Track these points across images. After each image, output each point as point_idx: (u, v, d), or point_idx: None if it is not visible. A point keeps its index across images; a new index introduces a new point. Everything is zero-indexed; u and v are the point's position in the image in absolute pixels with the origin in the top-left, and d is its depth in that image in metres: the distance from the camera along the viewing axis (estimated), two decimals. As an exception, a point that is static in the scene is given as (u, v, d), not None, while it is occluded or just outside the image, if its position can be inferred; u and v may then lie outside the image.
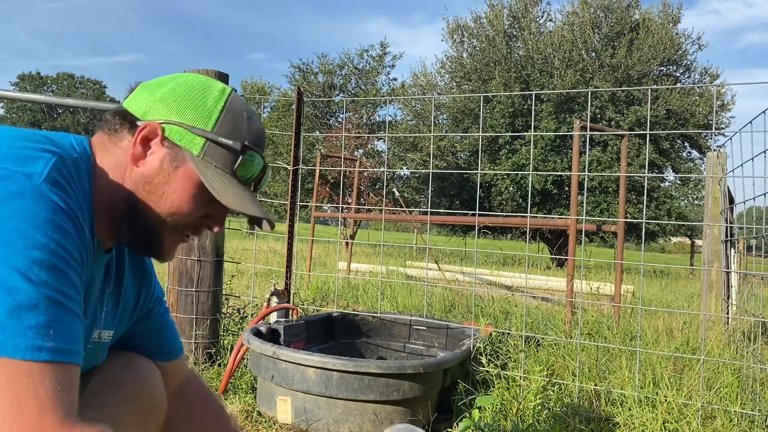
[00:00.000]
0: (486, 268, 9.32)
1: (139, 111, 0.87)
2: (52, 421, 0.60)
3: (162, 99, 0.87)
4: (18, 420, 0.58)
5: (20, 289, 0.62)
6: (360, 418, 2.10)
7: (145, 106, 0.87)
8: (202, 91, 0.89)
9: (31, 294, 0.63)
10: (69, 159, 0.77)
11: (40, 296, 0.63)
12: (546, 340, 2.96)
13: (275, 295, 2.87)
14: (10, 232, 0.64)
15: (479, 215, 3.07)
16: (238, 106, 0.91)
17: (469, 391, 2.34)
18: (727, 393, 2.32)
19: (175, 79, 0.90)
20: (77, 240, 0.71)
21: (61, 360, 0.64)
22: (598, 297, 5.07)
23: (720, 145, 3.50)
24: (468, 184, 18.58)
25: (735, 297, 4.06)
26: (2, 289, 0.62)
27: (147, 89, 0.89)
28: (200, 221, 0.91)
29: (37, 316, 0.62)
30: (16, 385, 0.59)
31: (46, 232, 0.67)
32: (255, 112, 0.95)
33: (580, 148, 3.57)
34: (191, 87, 0.89)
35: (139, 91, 0.90)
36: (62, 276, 0.67)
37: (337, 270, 6.77)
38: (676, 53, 17.65)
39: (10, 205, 0.66)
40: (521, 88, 17.20)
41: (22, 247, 0.64)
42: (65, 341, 0.65)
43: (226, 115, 0.88)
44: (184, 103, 0.87)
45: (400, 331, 3.08)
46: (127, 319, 1.04)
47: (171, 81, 0.90)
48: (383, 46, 22.52)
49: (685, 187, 17.93)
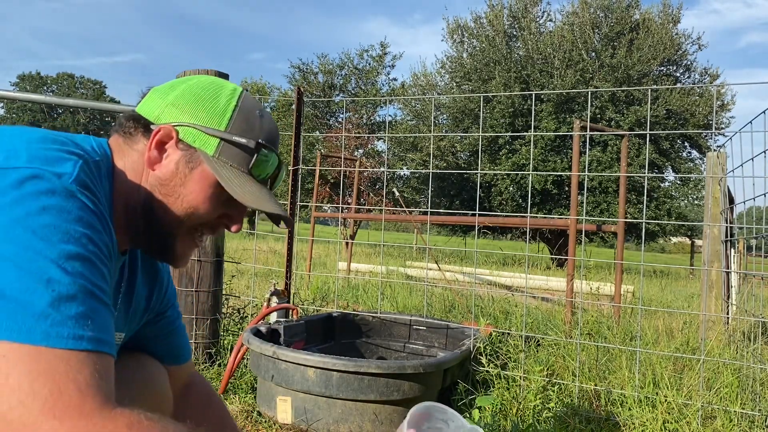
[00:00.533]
0: (486, 268, 9.33)
1: (152, 115, 0.88)
2: (92, 405, 0.61)
3: (174, 102, 0.88)
4: (59, 404, 0.59)
5: (59, 280, 0.64)
6: (360, 419, 2.10)
7: (159, 110, 0.88)
8: (213, 92, 0.89)
9: (69, 285, 0.64)
10: (92, 162, 0.78)
11: (77, 287, 0.65)
12: (546, 340, 2.96)
13: (275, 295, 2.87)
14: (45, 227, 0.66)
15: (479, 215, 3.07)
16: (250, 104, 0.91)
17: (469, 391, 2.34)
18: (727, 393, 2.32)
19: (186, 81, 0.91)
20: (106, 238, 0.73)
21: (99, 350, 0.65)
22: (598, 297, 5.07)
23: (720, 145, 3.50)
24: (468, 184, 18.58)
25: (735, 297, 4.07)
26: (41, 280, 0.63)
27: (159, 93, 0.90)
28: (218, 221, 0.92)
29: (77, 306, 0.64)
30: (56, 373, 0.60)
31: (78, 228, 0.68)
32: (267, 110, 0.95)
33: (580, 148, 3.57)
34: (203, 88, 0.89)
35: (151, 95, 0.91)
36: (95, 270, 0.69)
37: (337, 270, 6.77)
38: (676, 53, 17.65)
39: (44, 202, 0.67)
40: (521, 88, 17.20)
41: (57, 240, 0.66)
42: (102, 332, 0.66)
43: (239, 114, 0.89)
44: (197, 104, 0.87)
45: (400, 331, 3.08)
46: (138, 320, 1.05)
47: (182, 83, 0.90)
48: (383, 46, 22.53)
49: (685, 187, 17.93)
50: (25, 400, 0.58)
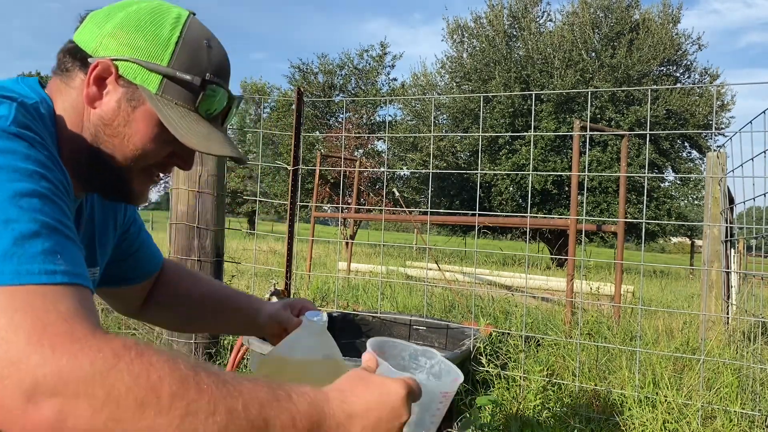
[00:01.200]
0: (486, 268, 9.32)
1: (90, 46, 0.80)
2: (82, 330, 0.55)
3: (113, 32, 0.80)
4: (47, 334, 0.54)
5: (17, 219, 0.60)
6: (360, 418, 2.09)
7: (96, 41, 0.80)
8: (155, 21, 0.81)
9: (29, 223, 0.60)
10: (30, 105, 0.73)
11: (39, 224, 0.61)
12: (546, 340, 2.96)
13: (275, 295, 2.86)
14: None
15: (479, 215, 3.07)
16: (196, 33, 0.83)
17: (469, 391, 2.34)
18: (727, 393, 2.32)
19: (126, 8, 0.82)
20: (59, 175, 0.69)
21: (75, 282, 0.60)
22: (598, 297, 5.07)
23: (720, 145, 3.50)
24: (468, 184, 18.58)
25: (735, 297, 4.06)
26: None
27: (96, 20, 0.82)
28: (168, 161, 0.86)
29: (42, 242, 0.60)
30: (35, 307, 0.55)
31: (29, 166, 0.64)
32: (216, 38, 0.88)
33: (580, 148, 3.57)
34: (143, 17, 0.81)
35: (88, 23, 0.82)
36: (54, 205, 0.64)
37: (337, 270, 6.77)
38: (676, 53, 17.66)
39: None
40: (521, 88, 17.20)
41: (8, 180, 0.61)
42: (74, 265, 0.62)
43: (183, 46, 0.81)
44: (137, 35, 0.80)
45: (400, 331, 3.08)
46: (108, 252, 1.01)
47: (122, 10, 0.82)
48: (383, 46, 22.55)
49: (685, 187, 17.94)
50: (7, 336, 0.53)
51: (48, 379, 0.52)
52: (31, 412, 0.51)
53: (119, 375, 0.53)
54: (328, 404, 0.64)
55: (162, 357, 0.56)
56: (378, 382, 0.69)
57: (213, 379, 0.57)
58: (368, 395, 0.67)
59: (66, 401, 0.52)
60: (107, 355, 0.54)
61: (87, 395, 0.52)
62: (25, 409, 0.51)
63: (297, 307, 1.11)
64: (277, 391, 0.61)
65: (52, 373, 0.52)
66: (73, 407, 0.52)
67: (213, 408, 0.55)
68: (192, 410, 0.54)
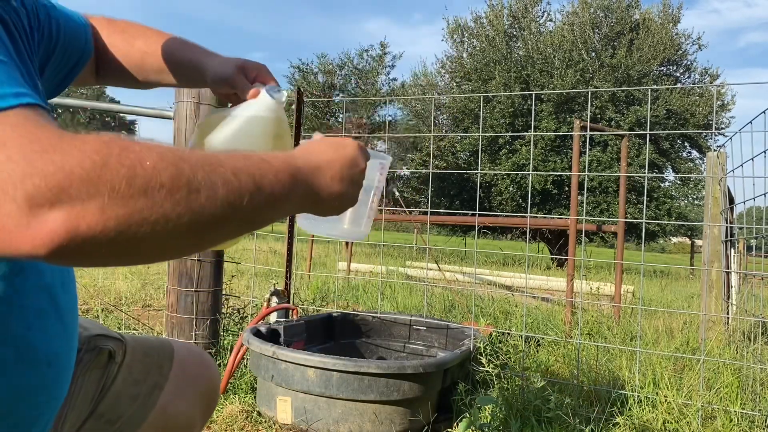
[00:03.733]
0: (486, 268, 9.32)
1: None
2: (50, 133, 0.49)
3: None
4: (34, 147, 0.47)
5: None
6: (360, 419, 2.10)
7: None
8: None
9: None
10: None
11: None
12: (546, 340, 2.96)
13: (275, 295, 2.87)
14: None
15: (479, 215, 3.08)
16: None
17: (469, 391, 2.34)
18: (727, 393, 2.32)
19: None
20: None
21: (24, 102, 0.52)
22: (598, 297, 5.07)
23: (720, 145, 3.49)
24: (468, 184, 18.58)
25: (735, 297, 4.06)
26: None
27: None
28: None
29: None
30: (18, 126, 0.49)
31: None
32: None
33: (580, 148, 3.57)
34: None
35: None
36: None
37: (337, 270, 6.77)
38: (676, 53, 17.66)
39: None
40: (521, 88, 17.20)
41: None
42: (13, 85, 0.54)
43: None
44: None
45: (400, 332, 3.08)
46: None
47: None
48: (383, 46, 22.52)
49: (685, 187, 17.94)
50: None
51: (46, 189, 0.46)
52: (35, 225, 0.46)
53: (116, 169, 0.49)
54: (296, 160, 0.68)
55: (144, 145, 0.52)
56: (333, 140, 0.77)
57: (197, 157, 0.55)
58: (328, 150, 0.74)
59: (71, 206, 0.47)
60: (97, 154, 0.49)
61: (90, 195, 0.47)
62: (28, 224, 0.46)
63: (251, 71, 0.97)
64: (252, 157, 0.61)
65: (48, 182, 0.46)
66: (81, 210, 0.47)
67: (210, 182, 0.54)
68: (193, 188, 0.53)
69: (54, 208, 0.46)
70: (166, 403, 1.01)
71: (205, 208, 0.53)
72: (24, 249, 0.46)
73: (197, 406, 1.07)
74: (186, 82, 1.04)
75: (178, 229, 0.52)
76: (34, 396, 0.72)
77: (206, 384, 1.10)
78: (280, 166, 0.63)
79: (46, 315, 0.74)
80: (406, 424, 2.15)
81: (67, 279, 0.82)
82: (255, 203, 0.58)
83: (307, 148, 0.73)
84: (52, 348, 0.74)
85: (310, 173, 0.69)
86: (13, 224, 0.46)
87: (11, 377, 0.68)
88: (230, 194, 0.55)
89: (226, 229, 0.57)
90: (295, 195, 0.65)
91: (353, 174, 0.76)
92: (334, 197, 0.73)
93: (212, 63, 0.97)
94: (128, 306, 4.18)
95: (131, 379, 0.99)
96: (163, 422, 1.01)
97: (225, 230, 0.57)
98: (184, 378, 1.05)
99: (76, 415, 0.92)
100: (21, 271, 0.70)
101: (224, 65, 0.97)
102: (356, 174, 0.77)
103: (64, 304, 0.78)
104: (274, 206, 0.62)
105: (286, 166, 0.64)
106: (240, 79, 0.96)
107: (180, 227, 0.52)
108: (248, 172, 0.58)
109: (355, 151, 0.77)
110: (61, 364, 0.76)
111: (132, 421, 0.98)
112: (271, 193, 0.60)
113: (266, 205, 0.60)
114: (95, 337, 0.97)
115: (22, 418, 0.71)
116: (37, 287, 0.73)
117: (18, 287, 0.70)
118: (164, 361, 1.05)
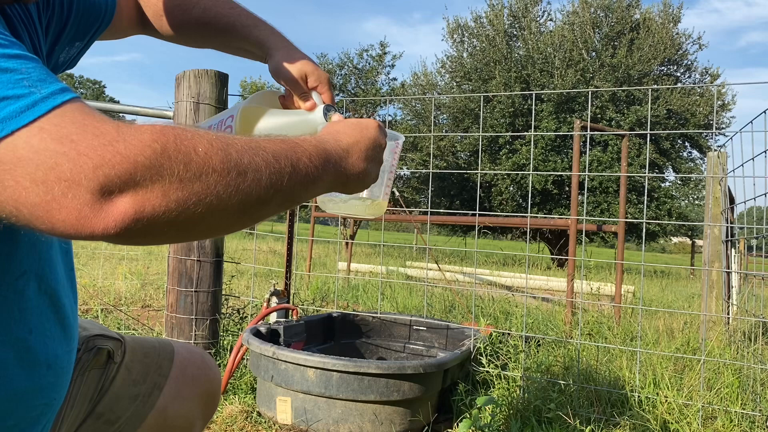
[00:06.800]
0: (486, 268, 9.32)
1: None
2: (108, 125, 0.52)
3: None
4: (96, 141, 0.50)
5: None
6: (360, 419, 2.09)
7: None
8: None
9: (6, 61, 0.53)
10: None
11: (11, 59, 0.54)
12: (546, 341, 2.96)
13: (275, 296, 2.86)
14: None
15: (479, 215, 3.07)
16: None
17: (469, 392, 2.34)
18: (728, 393, 2.31)
19: None
20: None
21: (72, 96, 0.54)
22: (598, 297, 5.07)
23: (720, 145, 3.49)
24: (468, 184, 18.58)
25: (735, 297, 4.06)
26: None
27: None
28: None
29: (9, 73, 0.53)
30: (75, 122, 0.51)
31: None
32: None
33: (580, 148, 3.57)
34: None
35: None
36: None
37: (337, 270, 6.77)
38: (676, 53, 17.66)
39: None
40: (521, 88, 17.19)
41: None
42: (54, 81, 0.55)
43: None
44: None
45: (400, 332, 3.07)
46: None
47: None
48: (383, 46, 22.50)
49: (686, 187, 17.94)
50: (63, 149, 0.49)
51: (115, 177, 0.50)
52: (107, 210, 0.50)
53: (174, 156, 0.53)
54: (326, 144, 0.71)
55: (194, 132, 0.57)
56: (354, 121, 0.81)
57: (242, 143, 0.59)
58: (354, 132, 0.78)
59: (137, 191, 0.51)
60: (156, 142, 0.53)
61: (153, 180, 0.51)
62: (101, 209, 0.50)
63: (313, 80, 0.98)
64: (287, 141, 0.66)
65: (117, 171, 0.50)
66: (146, 194, 0.51)
67: (255, 165, 0.58)
68: (241, 171, 0.57)
69: (122, 195, 0.51)
70: (165, 403, 1.01)
71: (251, 188, 0.58)
72: (98, 232, 0.51)
73: (197, 407, 1.07)
74: (243, 55, 1.07)
75: (229, 209, 0.57)
76: (33, 398, 0.72)
77: (207, 385, 1.10)
78: (313, 150, 0.67)
79: (46, 318, 0.74)
80: (406, 425, 2.15)
81: (68, 282, 0.82)
82: (293, 184, 0.63)
83: (334, 131, 0.77)
84: (52, 350, 0.74)
85: (339, 156, 0.73)
86: (88, 211, 0.50)
87: (11, 379, 0.69)
88: (272, 176, 0.60)
89: (269, 207, 0.62)
90: (327, 175, 0.69)
91: (376, 154, 0.80)
92: (360, 176, 0.77)
93: (277, 56, 0.99)
94: (128, 306, 4.18)
95: (130, 379, 0.99)
96: (163, 423, 1.01)
97: (268, 208, 0.62)
98: (184, 379, 1.05)
99: (75, 415, 0.92)
100: (23, 275, 0.70)
101: (288, 62, 0.98)
102: (379, 154, 0.81)
103: (65, 307, 0.78)
104: (308, 187, 0.66)
105: (318, 150, 0.68)
106: (298, 87, 0.98)
107: (231, 207, 0.56)
108: (286, 155, 0.63)
109: (377, 132, 0.81)
110: (61, 367, 0.76)
111: (131, 422, 0.98)
112: (306, 174, 0.65)
113: (302, 185, 0.65)
114: (94, 337, 0.97)
115: (21, 419, 0.71)
116: (39, 291, 0.73)
117: (20, 290, 0.70)
118: (164, 361, 1.04)
